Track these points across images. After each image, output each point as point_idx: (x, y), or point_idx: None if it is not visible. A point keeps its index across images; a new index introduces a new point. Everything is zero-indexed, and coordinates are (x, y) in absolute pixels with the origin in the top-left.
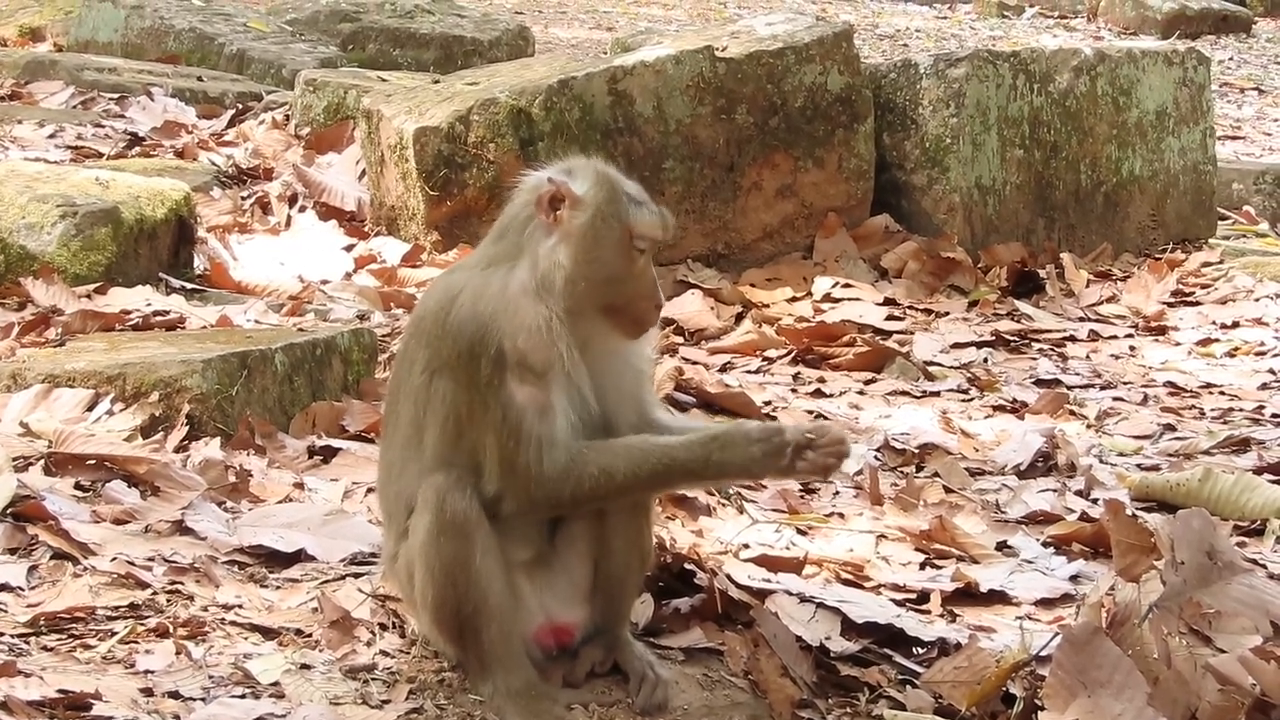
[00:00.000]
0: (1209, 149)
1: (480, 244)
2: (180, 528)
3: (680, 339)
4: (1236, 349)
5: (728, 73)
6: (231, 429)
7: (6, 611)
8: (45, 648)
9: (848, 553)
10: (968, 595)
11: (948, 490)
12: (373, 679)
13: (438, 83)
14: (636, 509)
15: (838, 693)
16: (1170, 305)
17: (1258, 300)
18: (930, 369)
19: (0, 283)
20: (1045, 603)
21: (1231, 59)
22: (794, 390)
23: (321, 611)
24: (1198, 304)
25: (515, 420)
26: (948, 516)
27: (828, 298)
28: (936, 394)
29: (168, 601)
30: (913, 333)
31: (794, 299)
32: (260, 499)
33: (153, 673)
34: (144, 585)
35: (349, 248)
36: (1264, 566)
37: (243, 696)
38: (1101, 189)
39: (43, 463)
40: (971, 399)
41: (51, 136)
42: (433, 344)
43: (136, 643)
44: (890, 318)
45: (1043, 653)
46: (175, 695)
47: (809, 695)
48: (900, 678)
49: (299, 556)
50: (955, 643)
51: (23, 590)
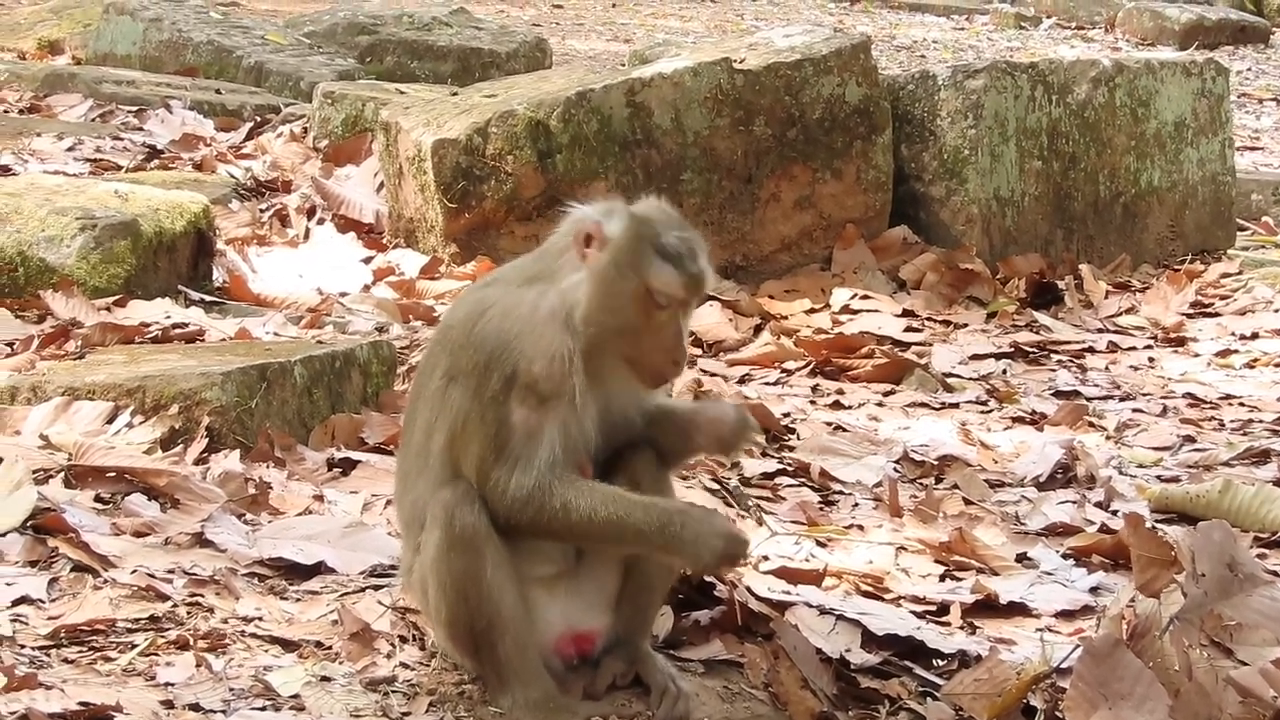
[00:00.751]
0: (1228, 160)
1: (518, 259)
2: (200, 540)
3: (698, 350)
4: (1256, 360)
5: (745, 84)
6: (251, 441)
7: (27, 624)
8: (66, 660)
9: (867, 565)
10: (988, 607)
11: (967, 502)
12: (393, 691)
13: (456, 95)
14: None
15: (858, 705)
16: (1189, 316)
17: (1277, 311)
18: (949, 381)
19: (20, 295)
20: (1065, 614)
21: (1250, 69)
22: (812, 402)
23: (341, 624)
24: (1217, 315)
25: (503, 437)
26: (967, 528)
27: (846, 309)
28: (955, 406)
29: (188, 614)
30: (931, 344)
31: (812, 310)
32: (280, 511)
33: (173, 685)
34: (164, 597)
35: (367, 260)
36: None
37: (263, 709)
38: (1120, 200)
39: (63, 475)
40: (990, 410)
41: (70, 149)
42: (455, 352)
43: (157, 655)
44: (909, 329)
45: (1063, 665)
46: (196, 707)
47: (829, 708)
48: (921, 690)
49: (319, 569)
50: (975, 655)
51: (43, 603)
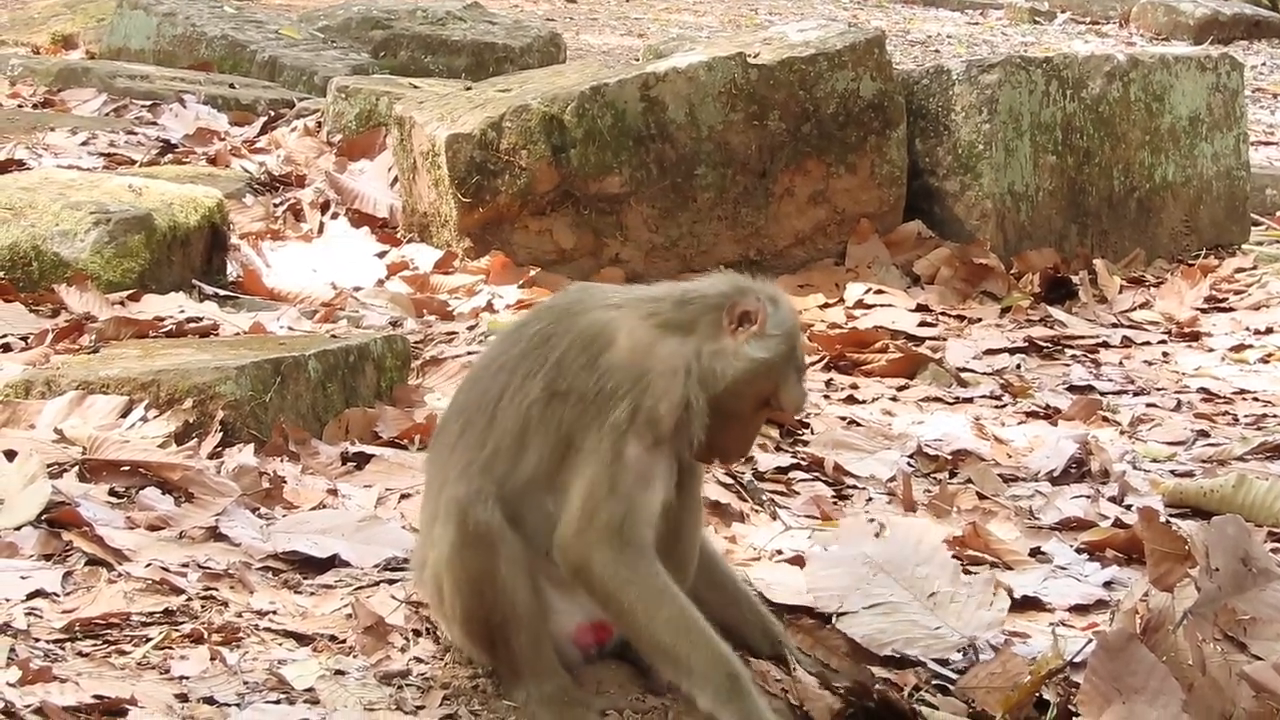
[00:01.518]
0: (1242, 154)
1: (650, 290)
2: (214, 534)
3: None
4: (1270, 355)
5: (760, 79)
6: (265, 435)
7: (42, 617)
8: (80, 653)
9: (881, 529)
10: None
11: (981, 496)
12: (407, 685)
13: (470, 89)
14: (696, 509)
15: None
16: (1203, 311)
17: None
18: (963, 375)
19: (34, 289)
20: (1079, 609)
21: (1264, 64)
22: (826, 396)
23: (355, 617)
24: (1231, 310)
25: (617, 472)
26: (981, 523)
27: (860, 304)
28: (969, 400)
29: (202, 607)
30: (945, 339)
31: (826, 305)
32: (294, 505)
33: (187, 678)
34: (178, 591)
35: (381, 254)
36: None
37: (277, 702)
38: (1134, 195)
39: (77, 469)
40: (1004, 405)
41: (84, 144)
42: (567, 370)
43: (171, 648)
44: (923, 324)
45: (1077, 659)
46: (210, 701)
47: (847, 703)
48: (934, 683)
49: (333, 562)
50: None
51: (58, 596)
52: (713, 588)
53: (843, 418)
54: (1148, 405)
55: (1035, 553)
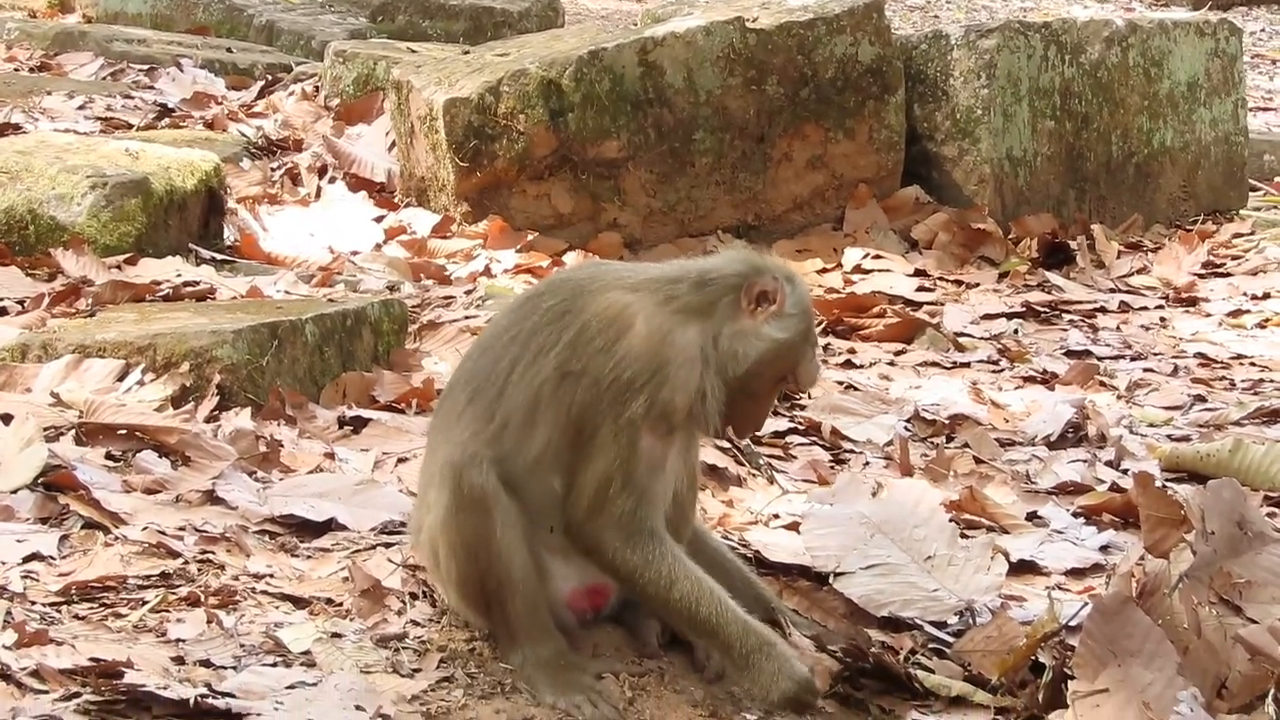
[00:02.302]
0: (1240, 120)
1: (665, 269)
2: (211, 497)
3: None
4: (1267, 320)
5: (758, 44)
6: (262, 399)
7: (38, 580)
8: (77, 616)
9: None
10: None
11: (978, 461)
12: (403, 648)
13: (467, 54)
14: (692, 475)
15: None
16: (1201, 276)
17: None
18: (960, 340)
19: (31, 254)
20: (1075, 573)
21: (1263, 30)
22: (824, 361)
23: (352, 581)
24: (1228, 275)
25: (632, 464)
26: (978, 487)
27: (858, 269)
28: (967, 365)
29: (199, 571)
30: (943, 304)
31: (824, 270)
32: (291, 469)
33: (184, 641)
34: (175, 554)
35: (379, 219)
36: None
37: (274, 665)
38: (1133, 160)
39: (74, 433)
40: (1002, 370)
41: (81, 108)
42: (584, 351)
43: (168, 611)
44: (921, 289)
45: (1073, 622)
46: (207, 664)
47: (846, 663)
48: (931, 646)
49: (329, 526)
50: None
51: (54, 559)
52: (700, 557)
53: (840, 382)
54: (1145, 370)
55: (1032, 517)
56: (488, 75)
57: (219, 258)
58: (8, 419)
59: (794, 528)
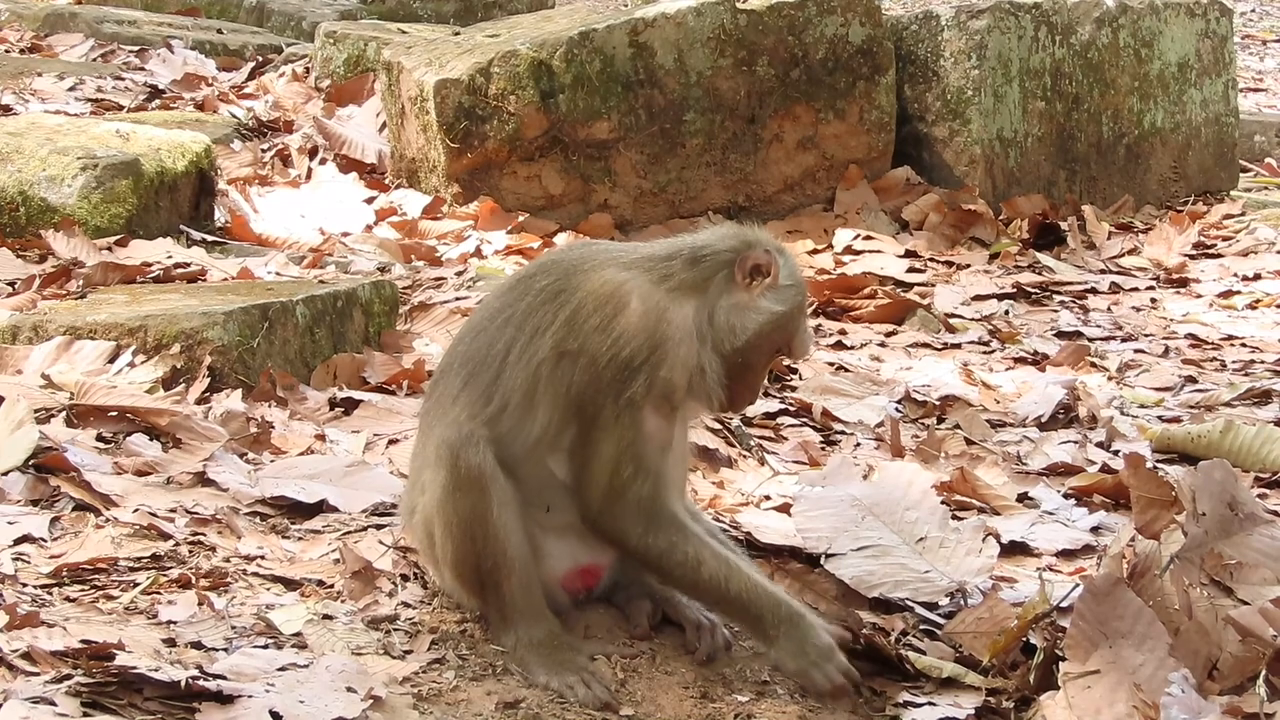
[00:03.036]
0: (1231, 101)
1: (658, 246)
2: (202, 479)
3: None
4: (1258, 301)
5: (749, 24)
6: (253, 381)
7: (29, 562)
8: (68, 598)
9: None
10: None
11: (969, 442)
12: (395, 629)
13: (458, 35)
14: (683, 453)
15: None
16: (1191, 257)
17: (1279, 252)
18: (951, 321)
19: (21, 235)
20: (1066, 554)
21: (1254, 11)
22: (815, 342)
23: (343, 562)
24: (1219, 256)
25: (640, 446)
26: (969, 468)
27: (849, 250)
28: (958, 346)
29: (190, 552)
30: (934, 285)
31: (815, 251)
32: (282, 450)
33: (175, 623)
34: (166, 536)
35: (370, 200)
36: None
37: (265, 647)
38: (1123, 141)
39: (64, 414)
40: (993, 351)
41: (72, 89)
42: (581, 330)
43: (159, 593)
44: (911, 270)
45: (1064, 604)
46: (198, 645)
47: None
48: (922, 628)
49: (320, 508)
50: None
51: (45, 541)
52: None
53: (831, 363)
54: (1136, 351)
55: (1023, 498)
56: (478, 56)
57: (210, 239)
58: None
59: (785, 509)
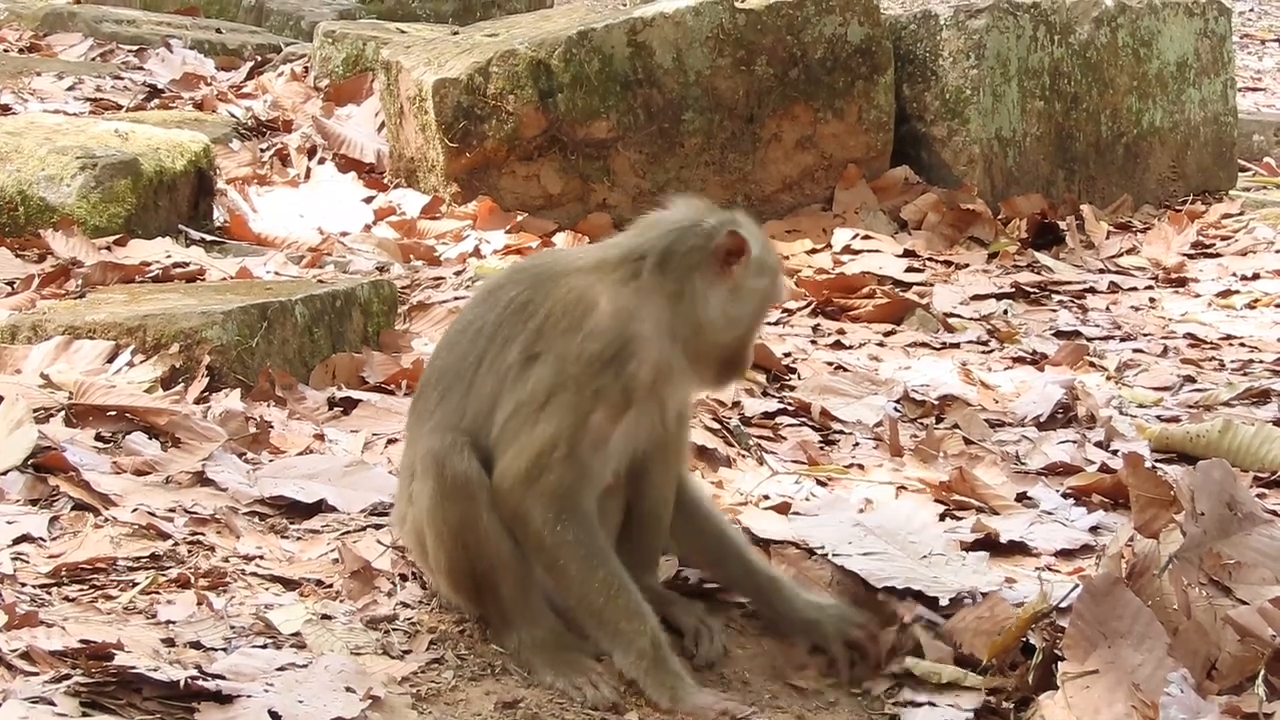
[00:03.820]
0: (1230, 100)
1: (622, 246)
2: (201, 479)
3: None
4: (1257, 300)
5: (747, 24)
6: (252, 380)
7: (28, 562)
8: (67, 598)
9: (867, 504)
10: (988, 546)
11: (967, 441)
12: (394, 629)
13: (457, 34)
14: (669, 452)
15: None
16: (1190, 257)
17: (1278, 252)
18: (950, 321)
19: (20, 234)
20: (1065, 554)
21: (1252, 10)
22: (813, 342)
23: (342, 562)
24: (1218, 255)
25: (578, 436)
26: (967, 468)
27: (847, 249)
28: (956, 346)
29: (189, 552)
30: (932, 284)
31: (813, 250)
32: (280, 450)
33: (174, 623)
34: (165, 536)
35: (368, 200)
36: None
37: (264, 646)
38: (1122, 140)
39: (63, 414)
40: (991, 350)
41: (70, 89)
42: (548, 334)
43: (158, 593)
44: (910, 269)
45: (1063, 604)
46: (197, 645)
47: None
48: (926, 621)
49: (319, 507)
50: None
51: (44, 541)
52: (699, 533)
53: (829, 363)
54: (1134, 351)
55: (1022, 498)
56: (477, 56)
57: (208, 239)
58: None
59: (783, 509)
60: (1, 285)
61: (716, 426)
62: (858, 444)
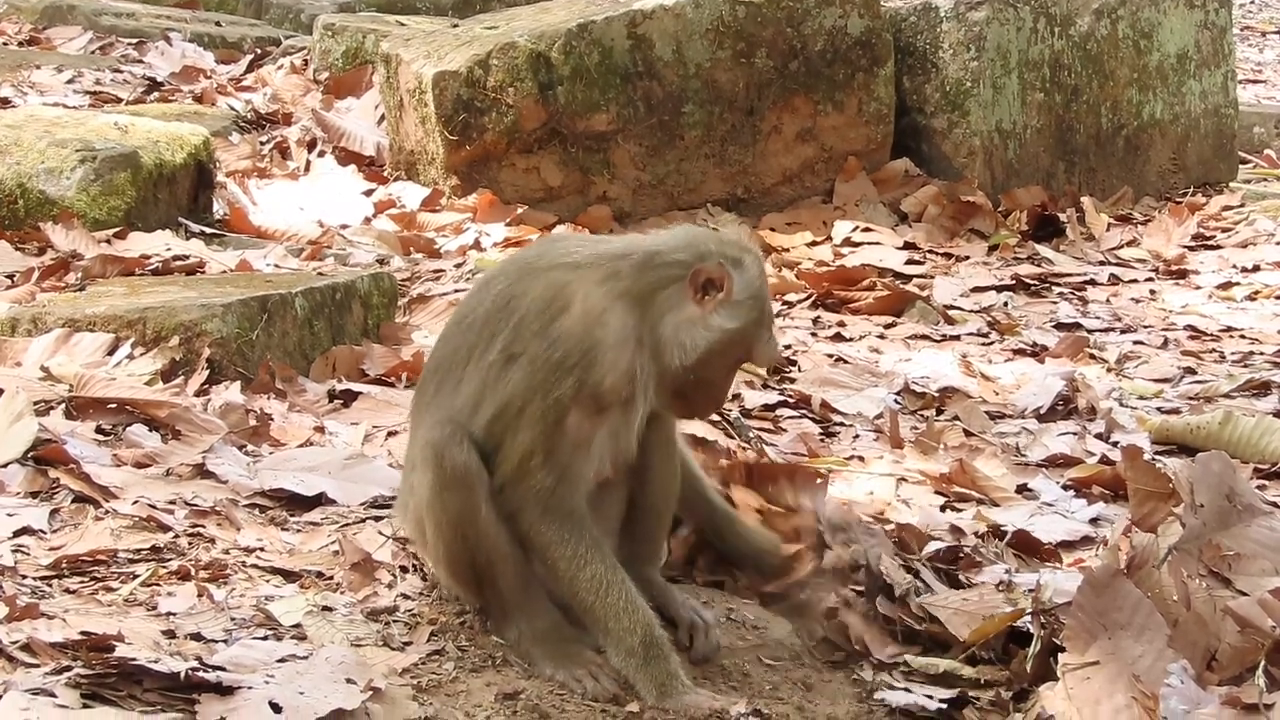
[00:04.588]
0: (1230, 92)
1: (607, 245)
2: (201, 471)
3: None
4: (1257, 292)
5: (747, 16)
6: (252, 373)
7: (29, 554)
8: (67, 590)
9: (868, 496)
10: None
11: (968, 433)
12: (394, 621)
13: (456, 27)
14: (671, 443)
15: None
16: (1191, 249)
17: (1278, 243)
18: (950, 313)
19: (20, 227)
20: (1065, 545)
21: (1253, 2)
22: (814, 334)
23: (343, 554)
24: (1218, 247)
25: (555, 440)
26: (968, 460)
27: (848, 242)
28: (956, 338)
29: (189, 544)
30: (933, 277)
31: (814, 243)
32: (281, 443)
33: (175, 615)
34: (165, 528)
35: (368, 192)
36: None
37: (265, 638)
38: (1122, 132)
39: (64, 407)
40: (992, 343)
41: (70, 82)
42: (526, 335)
43: (158, 585)
44: (910, 262)
45: (1057, 601)
46: (197, 637)
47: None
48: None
49: (319, 500)
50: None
51: (45, 533)
52: (704, 513)
53: (830, 355)
54: (1135, 343)
55: (1022, 489)
56: (477, 48)
57: (208, 231)
58: None
59: None
60: (1, 278)
61: (717, 418)
62: (858, 436)
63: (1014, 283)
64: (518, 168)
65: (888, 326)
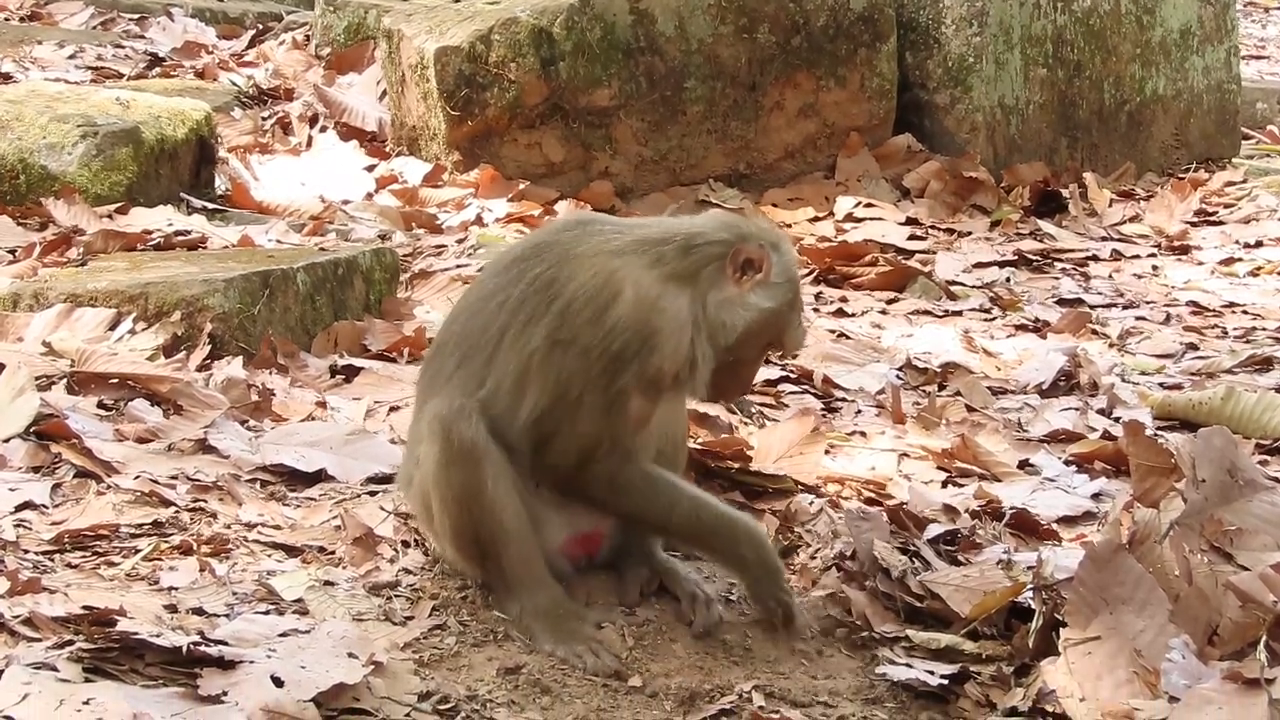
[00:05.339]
0: (1233, 68)
1: (649, 229)
2: (203, 446)
3: None
4: (1259, 268)
5: None
6: (253, 348)
7: (31, 529)
8: (69, 565)
9: (870, 471)
10: (989, 514)
11: (970, 409)
12: (396, 595)
13: (458, 2)
14: (680, 425)
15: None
16: (1193, 225)
17: None
18: (952, 288)
19: (22, 203)
20: (1067, 520)
21: None
22: (816, 310)
23: (344, 529)
24: (1220, 223)
25: (619, 427)
26: (970, 435)
27: (850, 217)
28: (959, 313)
29: (191, 519)
30: (935, 252)
31: (816, 219)
32: (282, 418)
33: (177, 589)
34: (167, 503)
35: (370, 168)
36: None
37: (266, 613)
38: (1125, 108)
39: (65, 382)
40: (994, 318)
41: (72, 57)
42: (572, 321)
43: (160, 560)
44: (912, 237)
45: (1063, 572)
46: (199, 611)
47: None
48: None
49: (321, 475)
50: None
51: (47, 508)
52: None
53: (832, 331)
54: (1137, 318)
55: (1024, 465)
56: (479, 23)
57: (210, 207)
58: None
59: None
60: (3, 253)
61: None
62: (860, 411)
63: (1016, 258)
64: (520, 143)
65: (890, 302)
